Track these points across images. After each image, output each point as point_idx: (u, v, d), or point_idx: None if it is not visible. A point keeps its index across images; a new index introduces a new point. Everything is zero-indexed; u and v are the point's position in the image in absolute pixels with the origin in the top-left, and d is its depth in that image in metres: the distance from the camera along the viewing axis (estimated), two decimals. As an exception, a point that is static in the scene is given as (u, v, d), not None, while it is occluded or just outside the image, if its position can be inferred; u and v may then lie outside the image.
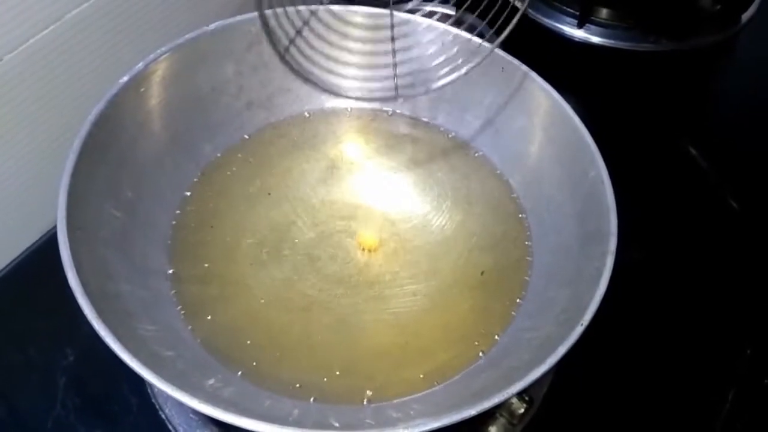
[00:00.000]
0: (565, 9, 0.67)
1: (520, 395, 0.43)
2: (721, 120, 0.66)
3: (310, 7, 0.43)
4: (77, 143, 0.40)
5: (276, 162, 0.48)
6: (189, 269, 0.44)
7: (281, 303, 0.43)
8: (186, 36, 0.47)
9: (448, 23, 0.47)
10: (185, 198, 0.47)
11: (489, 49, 0.43)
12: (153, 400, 0.44)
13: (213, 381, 0.37)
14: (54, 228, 0.37)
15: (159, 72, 0.46)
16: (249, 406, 0.36)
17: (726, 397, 0.47)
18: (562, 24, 0.67)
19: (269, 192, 0.47)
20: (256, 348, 0.41)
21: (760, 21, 0.69)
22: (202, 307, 0.42)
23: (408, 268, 0.45)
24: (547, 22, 0.67)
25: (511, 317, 0.42)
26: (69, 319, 0.39)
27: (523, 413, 0.43)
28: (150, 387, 0.45)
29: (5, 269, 0.51)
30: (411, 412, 0.37)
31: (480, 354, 0.41)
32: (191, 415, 0.43)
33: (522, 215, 0.48)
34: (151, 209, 0.45)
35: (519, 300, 0.43)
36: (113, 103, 0.42)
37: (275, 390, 0.39)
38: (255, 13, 0.49)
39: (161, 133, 0.46)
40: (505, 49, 0.48)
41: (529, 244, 0.46)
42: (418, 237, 0.47)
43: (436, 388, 0.40)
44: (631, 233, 0.40)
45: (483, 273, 0.45)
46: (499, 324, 0.42)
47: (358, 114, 0.50)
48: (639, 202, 0.55)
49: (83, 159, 0.40)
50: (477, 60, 0.43)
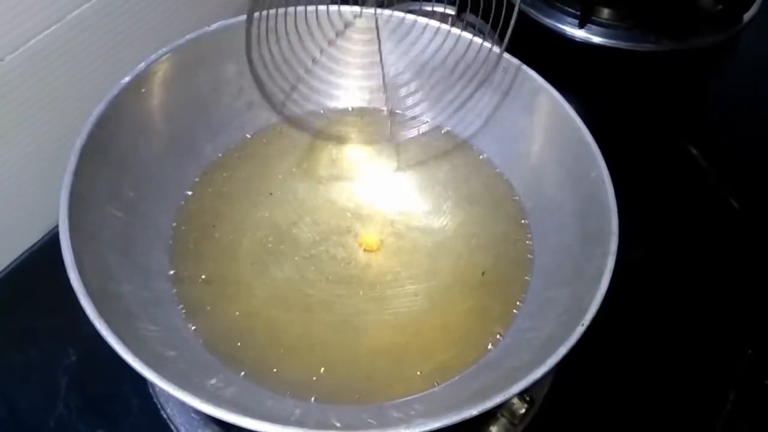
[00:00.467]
0: (566, 9, 0.67)
1: (521, 395, 0.43)
2: (722, 120, 0.66)
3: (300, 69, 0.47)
4: (79, 143, 0.40)
5: (277, 162, 0.48)
6: (190, 269, 0.44)
7: (282, 303, 0.43)
8: (187, 36, 0.47)
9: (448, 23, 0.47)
10: (186, 198, 0.47)
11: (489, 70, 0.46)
12: (154, 400, 0.44)
13: (215, 381, 0.38)
14: (55, 228, 0.37)
15: (160, 72, 0.46)
16: (251, 405, 0.36)
17: (727, 398, 0.47)
18: (563, 24, 0.67)
19: (270, 192, 0.47)
20: (257, 348, 0.41)
21: (761, 21, 0.69)
22: (203, 307, 0.42)
23: (409, 268, 0.45)
24: (548, 22, 0.67)
25: (512, 317, 0.43)
26: (71, 319, 0.39)
27: (524, 413, 0.43)
28: (151, 387, 0.45)
29: (7, 269, 0.51)
30: (412, 412, 0.37)
31: (481, 354, 0.41)
32: (193, 415, 0.43)
33: (523, 216, 0.47)
34: (153, 209, 0.45)
35: (520, 300, 0.43)
36: (114, 104, 0.42)
37: (277, 390, 0.39)
38: (256, 14, 0.50)
39: (162, 134, 0.46)
40: (507, 49, 0.48)
41: (530, 244, 0.46)
42: (418, 237, 0.47)
43: (436, 388, 0.40)
44: (632, 233, 0.40)
45: (484, 273, 0.45)
46: (500, 324, 0.42)
47: (359, 114, 0.50)
48: (640, 202, 0.55)
49: (85, 159, 0.40)
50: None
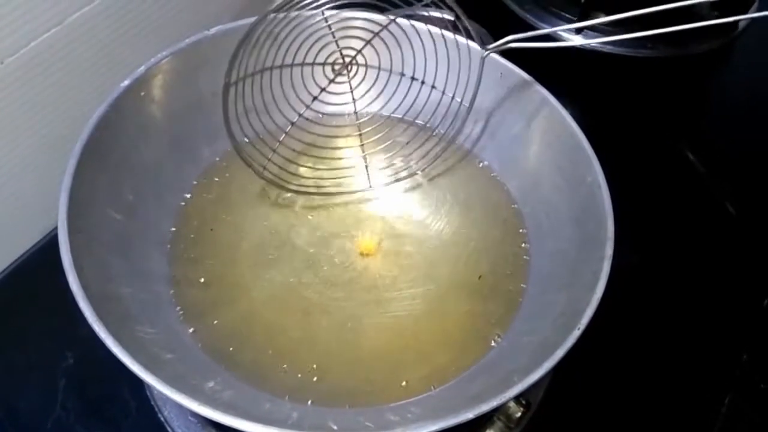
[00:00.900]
0: (564, 15, 0.67)
1: (517, 399, 0.43)
2: (719, 125, 0.67)
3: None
4: (78, 146, 0.40)
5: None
6: (189, 272, 0.44)
7: (280, 306, 0.44)
8: (186, 40, 0.47)
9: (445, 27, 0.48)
10: (185, 201, 0.47)
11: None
12: (152, 402, 0.44)
13: (212, 383, 0.38)
14: (54, 230, 0.37)
15: (160, 76, 0.46)
16: (248, 408, 0.36)
17: (723, 402, 0.47)
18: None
19: (268, 195, 0.48)
20: (255, 351, 0.41)
21: (757, 27, 0.70)
22: (201, 310, 0.42)
23: (406, 272, 0.46)
24: (545, 27, 0.67)
25: (509, 321, 0.43)
26: (69, 321, 0.39)
27: (521, 417, 0.43)
28: (149, 389, 0.45)
29: (5, 271, 0.51)
30: (409, 415, 0.38)
31: (478, 357, 0.41)
32: (190, 418, 0.44)
33: (519, 220, 0.48)
34: (152, 212, 0.45)
35: (516, 304, 0.43)
36: (114, 107, 0.43)
37: (274, 392, 0.39)
38: (255, 18, 0.50)
39: (162, 137, 0.47)
40: (503, 55, 0.49)
41: (527, 248, 0.46)
42: (416, 241, 0.47)
43: (433, 391, 0.40)
44: (629, 238, 0.40)
45: (481, 277, 0.45)
46: (497, 328, 0.42)
47: (356, 119, 0.50)
48: (636, 206, 0.55)
49: (84, 162, 0.40)
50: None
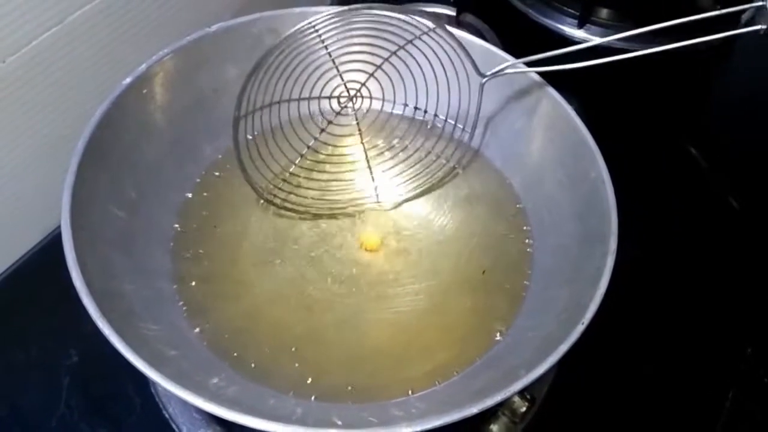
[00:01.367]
0: (566, 9, 0.67)
1: (521, 394, 0.43)
2: (721, 120, 0.67)
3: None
4: (81, 144, 0.40)
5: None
6: (192, 269, 0.44)
7: (284, 302, 0.44)
8: (188, 38, 0.47)
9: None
10: (188, 198, 0.47)
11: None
12: (156, 399, 0.45)
13: (217, 380, 0.38)
14: (55, 229, 0.37)
15: (161, 73, 0.46)
16: (253, 404, 0.36)
17: (727, 396, 0.47)
18: (562, 24, 0.67)
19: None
20: (259, 347, 0.41)
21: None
22: (205, 307, 0.42)
23: (410, 267, 0.46)
24: (548, 22, 0.67)
25: (513, 316, 0.43)
26: (72, 319, 0.39)
27: (525, 411, 0.43)
28: (153, 386, 0.45)
29: (9, 269, 0.51)
30: (413, 410, 0.38)
31: (481, 352, 0.41)
32: (195, 414, 0.44)
33: (523, 215, 0.48)
34: (154, 209, 0.45)
35: (520, 299, 0.43)
36: (116, 105, 0.43)
37: (278, 388, 0.39)
38: (256, 15, 0.50)
39: (164, 134, 0.47)
40: (506, 49, 0.49)
41: (530, 243, 0.46)
42: (419, 237, 0.47)
43: (437, 386, 0.40)
44: (632, 233, 0.40)
45: (484, 272, 0.45)
46: (501, 323, 0.42)
47: (359, 115, 0.50)
48: (639, 202, 0.55)
49: (87, 159, 0.40)
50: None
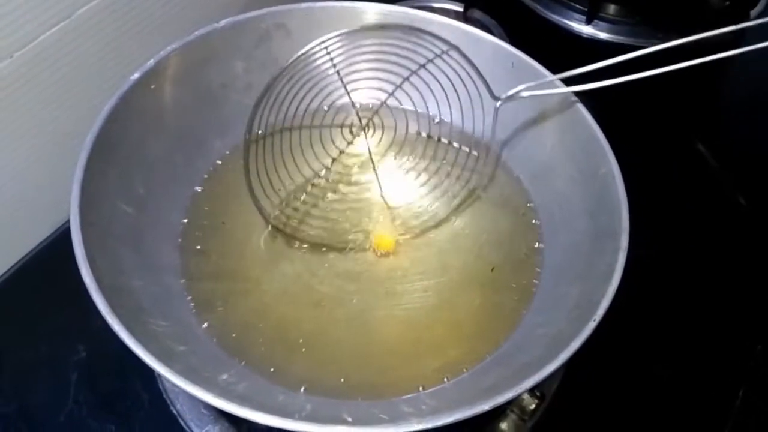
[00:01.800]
0: (574, 5, 0.67)
1: (531, 391, 0.43)
2: (730, 117, 0.66)
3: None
4: (89, 139, 0.40)
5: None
6: (200, 265, 0.44)
7: (292, 299, 0.43)
8: (195, 33, 0.47)
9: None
10: (196, 194, 0.47)
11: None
12: (164, 395, 0.44)
13: (226, 376, 0.38)
14: (63, 224, 0.37)
15: (169, 69, 0.46)
16: (262, 400, 0.36)
17: (737, 394, 0.47)
18: (570, 20, 0.67)
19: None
20: (268, 343, 0.41)
21: (768, 17, 0.69)
22: (213, 303, 0.42)
23: (418, 264, 0.45)
24: (556, 18, 0.67)
25: (523, 313, 0.42)
26: (80, 315, 0.39)
27: (534, 409, 0.43)
28: (161, 382, 0.45)
29: (18, 264, 0.51)
30: (423, 407, 0.37)
31: (492, 349, 0.41)
32: (203, 410, 0.44)
33: (533, 212, 0.47)
34: (163, 205, 0.45)
35: (530, 296, 0.43)
36: (124, 100, 0.42)
37: (288, 385, 0.39)
38: (264, 10, 0.50)
39: (172, 130, 0.46)
40: (514, 45, 0.48)
41: (540, 240, 0.46)
42: (428, 233, 0.47)
43: (447, 383, 0.40)
44: (642, 230, 0.40)
45: (493, 269, 0.45)
46: (511, 320, 0.42)
47: (367, 111, 0.50)
48: (649, 198, 0.55)
49: (95, 155, 0.40)
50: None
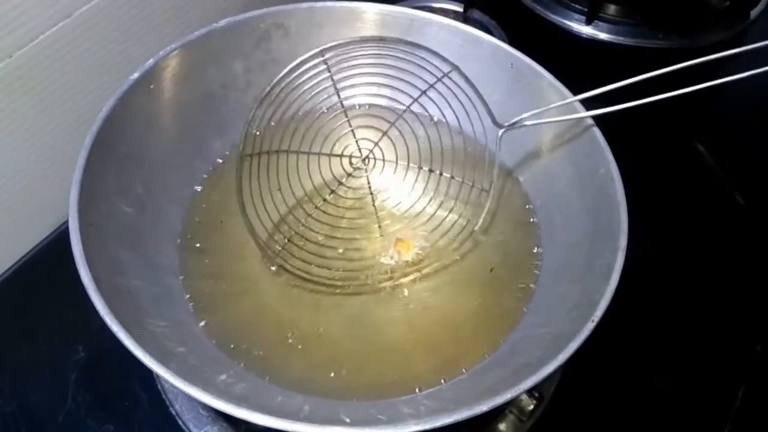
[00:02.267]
0: (573, 5, 0.67)
1: (529, 392, 0.43)
2: (729, 117, 0.66)
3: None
4: (89, 139, 0.40)
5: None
6: (199, 265, 0.44)
7: (291, 299, 0.43)
8: (195, 33, 0.47)
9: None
10: (195, 194, 0.47)
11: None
12: (163, 395, 0.44)
13: (224, 376, 0.38)
14: (65, 224, 0.37)
15: (169, 68, 0.46)
16: (261, 401, 0.36)
17: (737, 394, 0.47)
18: (570, 21, 0.67)
19: (279, 188, 0.47)
20: (266, 344, 0.41)
21: (768, 17, 0.69)
22: (212, 303, 0.42)
23: (418, 264, 0.45)
24: (555, 18, 0.67)
25: (522, 313, 0.42)
26: (80, 315, 0.39)
27: (533, 410, 0.43)
28: (160, 382, 0.45)
29: (17, 265, 0.51)
30: (422, 407, 0.37)
31: (490, 350, 0.41)
32: (201, 411, 0.44)
33: (532, 212, 0.47)
34: (162, 205, 0.45)
35: (529, 296, 0.43)
36: (123, 100, 0.43)
37: (286, 385, 0.39)
38: (263, 10, 0.50)
39: (171, 130, 0.46)
40: (514, 45, 0.48)
41: (539, 240, 0.46)
42: (427, 233, 0.47)
43: (446, 384, 0.40)
44: (641, 230, 0.40)
45: (492, 269, 0.45)
46: (510, 320, 0.42)
47: (367, 111, 0.50)
48: (648, 198, 0.55)
49: (94, 155, 0.40)
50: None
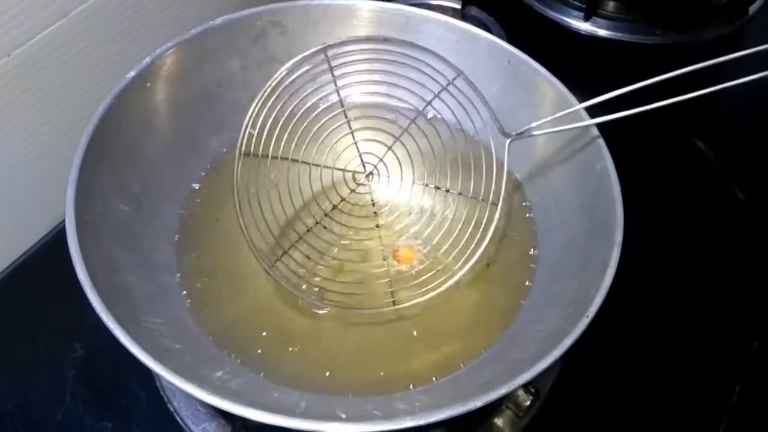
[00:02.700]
0: (572, 2, 0.67)
1: (526, 387, 0.43)
2: (727, 112, 0.66)
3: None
4: (85, 138, 0.40)
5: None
6: (196, 263, 0.44)
7: (288, 296, 0.43)
8: (192, 31, 0.47)
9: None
10: (192, 192, 0.47)
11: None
12: (161, 392, 0.45)
13: (221, 373, 0.38)
14: (62, 223, 0.37)
15: (165, 67, 0.46)
16: (257, 397, 0.36)
17: (732, 390, 0.47)
18: (568, 17, 0.67)
19: (276, 185, 0.47)
20: (263, 340, 0.41)
21: (767, 13, 0.69)
22: (208, 300, 0.43)
23: (414, 261, 0.46)
24: (554, 15, 0.67)
25: (518, 310, 0.43)
26: (77, 313, 0.39)
27: (530, 405, 0.43)
28: (158, 380, 0.45)
29: (14, 264, 0.52)
30: (417, 403, 0.38)
31: (486, 346, 0.41)
32: (199, 408, 0.44)
33: (528, 208, 0.48)
34: (158, 203, 0.45)
35: (525, 292, 0.43)
36: (120, 98, 0.43)
37: (282, 382, 0.39)
38: (260, 7, 0.50)
39: (168, 128, 0.47)
40: (512, 42, 0.48)
41: (536, 237, 0.46)
42: (425, 230, 0.47)
43: (442, 380, 0.40)
44: (638, 225, 0.40)
45: (489, 266, 0.45)
46: (506, 316, 0.42)
47: (363, 109, 0.50)
48: (645, 194, 0.55)
49: (91, 153, 0.40)
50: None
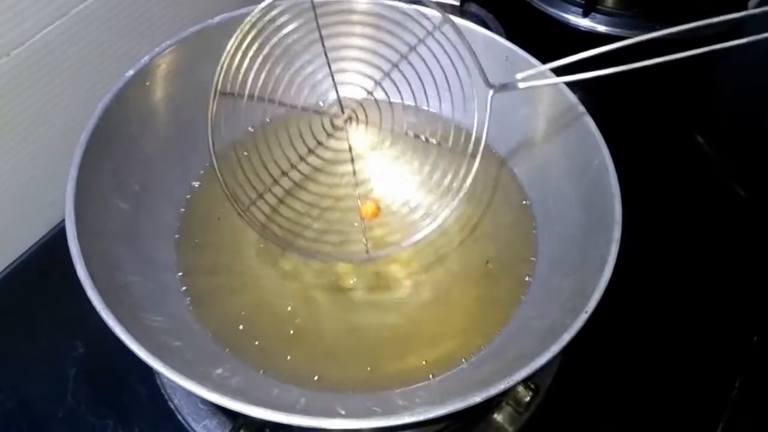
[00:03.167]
0: (570, -1, 0.67)
1: (525, 383, 0.43)
2: (727, 107, 0.66)
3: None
4: (84, 136, 0.40)
5: (281, 154, 0.48)
6: (196, 260, 0.44)
7: (287, 293, 0.44)
8: (190, 29, 0.47)
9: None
10: (191, 190, 0.48)
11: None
12: (162, 390, 0.45)
13: (221, 370, 0.38)
14: (62, 221, 0.38)
15: (164, 65, 0.46)
16: (257, 394, 0.37)
17: (733, 385, 0.47)
18: (567, 13, 0.67)
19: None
20: (263, 338, 0.41)
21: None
22: (209, 298, 0.43)
23: (413, 257, 0.46)
24: (552, 11, 0.67)
25: (517, 306, 0.43)
26: (78, 312, 0.39)
27: (529, 401, 0.43)
28: (159, 377, 0.45)
29: (15, 263, 0.52)
30: (417, 399, 0.38)
31: (485, 342, 0.41)
32: (200, 405, 0.44)
33: (526, 204, 0.48)
34: (158, 201, 0.45)
35: (524, 288, 0.43)
36: (119, 97, 0.43)
37: (282, 378, 0.39)
38: (259, 5, 0.49)
39: (167, 126, 0.47)
40: (511, 39, 0.48)
41: (534, 233, 0.46)
42: (422, 226, 0.47)
43: (441, 376, 0.40)
44: (637, 221, 0.40)
45: (488, 262, 0.45)
46: (505, 312, 0.42)
47: (362, 105, 0.50)
48: (644, 190, 0.55)
49: (90, 152, 0.40)
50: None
